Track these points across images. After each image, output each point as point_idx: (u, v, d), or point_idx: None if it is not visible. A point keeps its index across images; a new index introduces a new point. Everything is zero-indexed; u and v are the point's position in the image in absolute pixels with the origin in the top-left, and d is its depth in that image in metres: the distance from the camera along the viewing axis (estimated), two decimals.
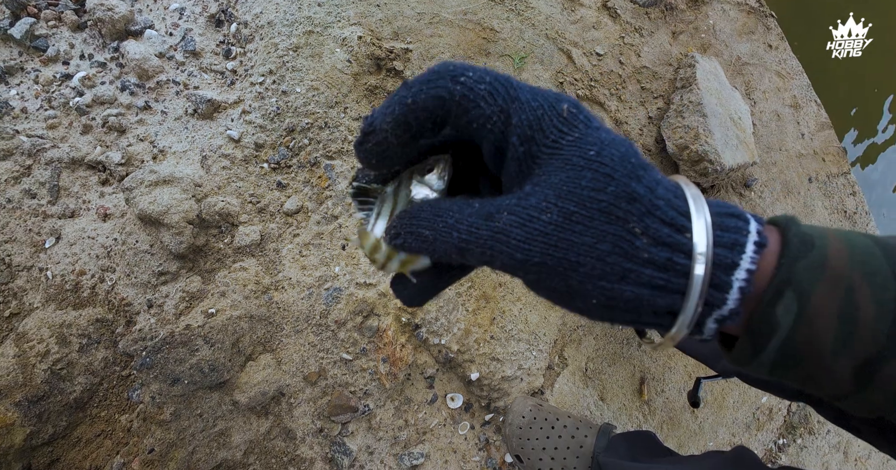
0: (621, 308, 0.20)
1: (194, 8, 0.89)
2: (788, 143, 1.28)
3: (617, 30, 1.17)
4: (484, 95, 0.21)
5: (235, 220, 0.74)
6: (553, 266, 0.19)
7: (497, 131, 0.21)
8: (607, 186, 0.19)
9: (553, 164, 0.20)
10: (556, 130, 0.20)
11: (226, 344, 0.65)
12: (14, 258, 0.66)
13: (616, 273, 0.19)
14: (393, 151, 0.23)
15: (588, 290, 0.20)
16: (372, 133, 0.22)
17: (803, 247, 0.19)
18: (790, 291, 0.19)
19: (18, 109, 0.77)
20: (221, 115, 0.81)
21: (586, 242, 0.19)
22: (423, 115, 0.21)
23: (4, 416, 0.59)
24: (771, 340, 0.20)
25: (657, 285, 0.19)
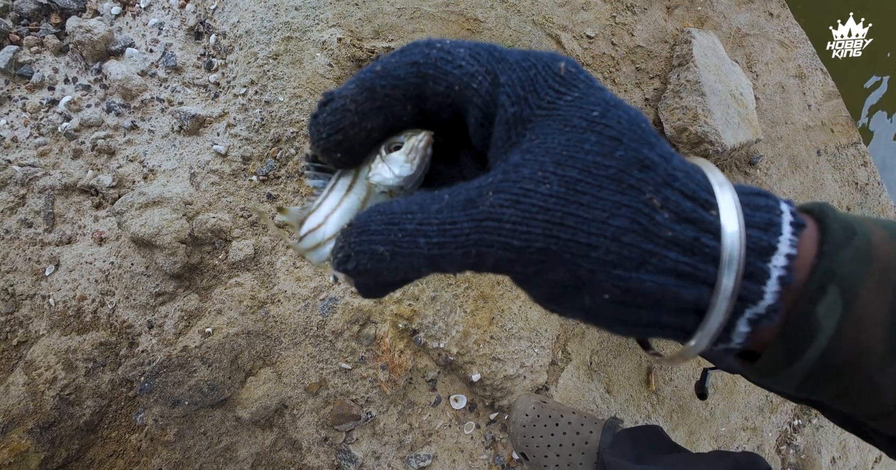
0: (639, 304, 0.15)
1: (172, 22, 0.85)
2: (794, 116, 1.19)
3: (608, 9, 1.09)
4: (464, 56, 0.17)
5: (228, 235, 0.72)
6: (559, 251, 0.15)
7: (483, 92, 0.17)
8: (615, 151, 0.15)
9: (549, 126, 0.16)
10: (552, 91, 0.17)
11: (224, 362, 0.63)
12: (17, 287, 0.66)
13: (634, 257, 0.15)
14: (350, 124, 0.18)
15: (600, 281, 0.15)
16: (330, 101, 0.18)
17: (845, 233, 0.16)
18: (833, 286, 0.15)
19: (9, 139, 0.75)
20: (207, 130, 0.78)
21: (597, 218, 0.15)
22: (392, 81, 0.17)
23: (18, 443, 0.59)
24: (810, 346, 0.15)
25: (683, 272, 0.15)
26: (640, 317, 0.16)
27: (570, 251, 0.15)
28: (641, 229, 0.15)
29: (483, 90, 0.17)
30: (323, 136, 0.19)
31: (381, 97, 0.18)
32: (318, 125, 0.19)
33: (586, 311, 0.17)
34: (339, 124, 0.18)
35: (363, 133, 0.19)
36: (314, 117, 0.19)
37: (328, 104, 0.18)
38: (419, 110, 0.19)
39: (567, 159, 0.15)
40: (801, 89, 1.21)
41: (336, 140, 0.19)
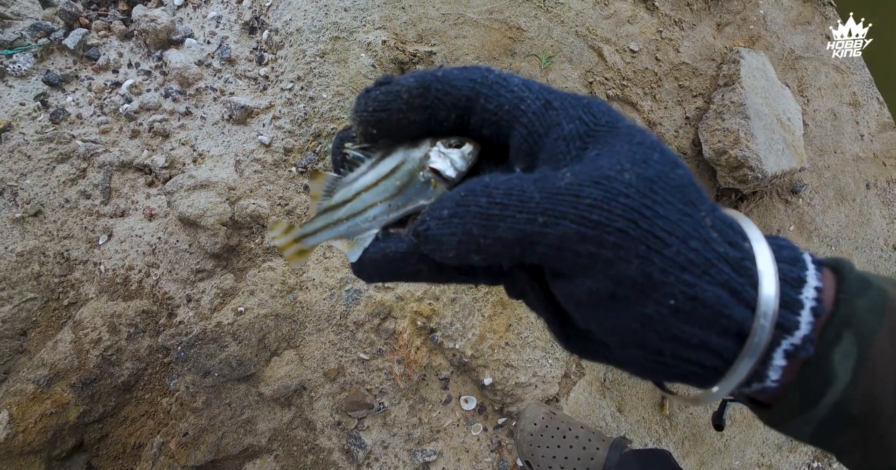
0: (698, 316, 0.16)
1: (230, 16, 0.97)
2: (845, 145, 1.23)
3: (654, 23, 1.16)
4: (517, 84, 0.20)
5: (265, 221, 0.81)
6: (636, 238, 0.16)
7: (531, 114, 0.19)
8: (676, 169, 0.17)
9: (616, 139, 0.18)
10: (607, 116, 0.19)
11: (252, 340, 0.72)
12: (72, 253, 0.77)
13: (699, 263, 0.16)
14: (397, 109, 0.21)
15: (670, 283, 0.16)
16: (387, 83, 0.21)
17: (861, 285, 0.17)
18: (849, 333, 0.16)
19: (74, 115, 0.87)
20: (254, 121, 0.89)
21: (670, 217, 0.16)
22: (447, 88, 0.20)
23: (61, 396, 0.69)
24: (826, 393, 0.17)
25: (734, 289, 0.16)
26: (693, 336, 0.16)
27: (647, 243, 0.16)
28: (701, 239, 0.16)
29: (531, 111, 0.20)
30: (369, 109, 0.21)
31: (433, 98, 0.20)
32: (368, 98, 0.21)
33: (643, 320, 0.16)
34: (388, 105, 0.21)
35: (404, 122, 0.21)
36: (367, 91, 0.21)
37: (384, 85, 0.21)
38: (460, 122, 0.21)
39: (641, 162, 0.17)
40: (854, 118, 1.24)
41: (379, 117, 0.21)
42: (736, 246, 0.17)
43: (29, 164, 0.81)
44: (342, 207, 0.24)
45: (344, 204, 0.24)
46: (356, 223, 0.24)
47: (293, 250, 0.26)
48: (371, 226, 0.24)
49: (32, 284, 0.73)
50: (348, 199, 0.23)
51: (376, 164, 0.23)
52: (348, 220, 0.24)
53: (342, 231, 0.24)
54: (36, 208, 0.78)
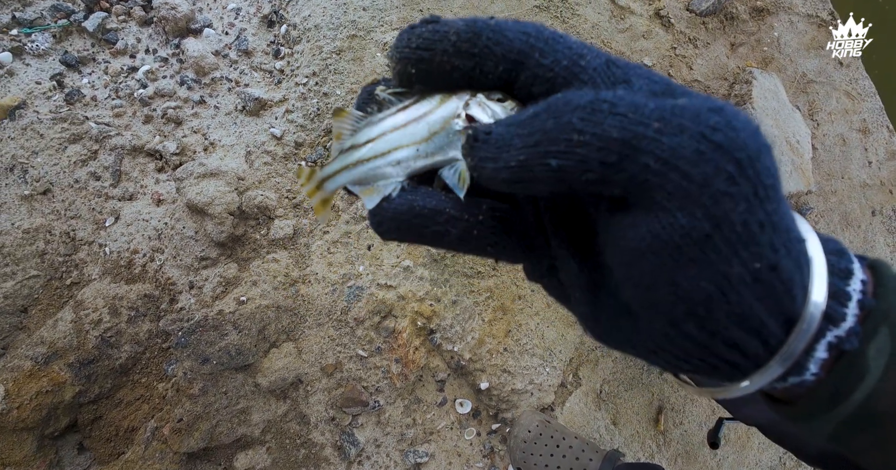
0: (773, 288, 0.15)
1: (249, 8, 1.01)
2: (853, 171, 1.27)
3: (669, 40, 1.20)
4: (576, 42, 0.19)
5: (272, 213, 0.84)
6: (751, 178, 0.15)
7: (592, 69, 0.18)
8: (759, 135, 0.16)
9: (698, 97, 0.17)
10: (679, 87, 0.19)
11: (252, 331, 0.75)
12: (78, 233, 0.80)
13: (785, 230, 0.15)
14: (443, 51, 0.19)
15: (763, 244, 0.15)
16: (434, 22, 0.20)
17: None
18: (885, 327, 0.17)
19: (89, 97, 0.91)
20: (267, 113, 0.92)
21: (773, 172, 0.16)
22: (499, 37, 0.19)
23: (58, 375, 0.71)
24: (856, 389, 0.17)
25: (800, 264, 0.16)
26: (757, 316, 0.16)
27: (758, 189, 0.15)
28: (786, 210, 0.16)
29: (591, 68, 0.18)
30: (412, 45, 0.20)
31: (482, 46, 0.19)
32: (412, 34, 0.20)
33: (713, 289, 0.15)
34: (433, 45, 0.19)
35: (447, 67, 0.20)
36: (412, 27, 0.20)
37: (432, 23, 0.20)
38: (507, 78, 0.20)
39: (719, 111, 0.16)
40: (863, 144, 1.29)
41: (420, 56, 0.20)
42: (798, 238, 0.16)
43: (41, 142, 0.84)
44: (363, 147, 0.22)
45: (366, 143, 0.22)
46: (378, 166, 0.21)
47: (318, 199, 0.25)
48: (394, 172, 0.22)
49: (36, 261, 0.76)
50: (372, 138, 0.21)
51: (407, 107, 0.21)
52: (369, 161, 0.21)
53: (361, 173, 0.22)
54: (45, 187, 0.81)
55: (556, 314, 0.91)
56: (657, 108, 0.15)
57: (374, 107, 0.22)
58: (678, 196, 0.15)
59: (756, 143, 0.15)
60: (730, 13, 1.28)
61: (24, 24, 0.95)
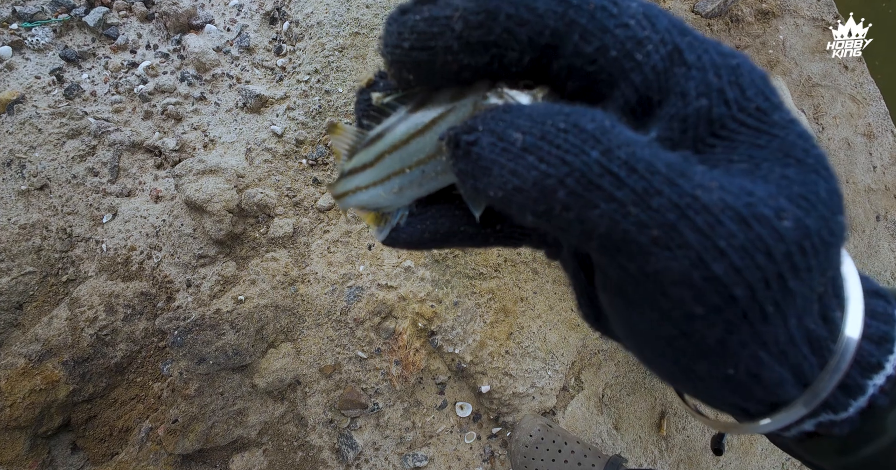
0: (747, 389, 0.15)
1: (251, 5, 1.02)
2: (857, 176, 1.28)
3: None
4: (635, 15, 0.14)
5: (272, 211, 0.84)
6: (743, 305, 0.13)
7: (650, 69, 0.14)
8: (838, 214, 0.14)
9: (763, 148, 0.14)
10: (763, 96, 0.14)
11: (250, 330, 0.75)
12: (75, 229, 0.79)
13: (783, 342, 0.14)
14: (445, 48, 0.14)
15: (741, 356, 0.14)
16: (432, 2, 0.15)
17: None
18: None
19: (88, 92, 0.91)
20: (268, 110, 0.93)
21: (794, 289, 0.14)
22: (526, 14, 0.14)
23: (52, 373, 0.71)
24: (868, 445, 0.17)
25: (800, 371, 0.15)
26: (730, 395, 0.16)
27: (749, 312, 0.13)
28: (800, 316, 0.14)
29: (649, 66, 0.14)
30: (403, 45, 0.15)
31: (500, 31, 0.14)
32: (403, 27, 0.15)
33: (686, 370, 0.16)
34: (431, 41, 0.14)
35: (455, 66, 0.15)
36: (402, 12, 0.15)
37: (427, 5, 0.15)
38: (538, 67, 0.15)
39: (803, 201, 0.13)
40: (867, 149, 1.30)
41: (417, 58, 0.15)
42: (828, 320, 0.15)
43: (39, 137, 0.84)
44: (361, 173, 0.19)
45: (364, 168, 0.18)
46: (376, 194, 0.18)
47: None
48: (399, 200, 0.19)
49: (32, 257, 0.76)
50: (368, 162, 0.18)
51: (411, 114, 0.17)
52: (367, 189, 0.19)
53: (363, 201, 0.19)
54: (42, 182, 0.81)
55: (558, 317, 0.91)
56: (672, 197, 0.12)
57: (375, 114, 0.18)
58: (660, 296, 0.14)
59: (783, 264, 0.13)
60: (735, 15, 1.29)
61: (24, 19, 0.95)
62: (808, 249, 0.13)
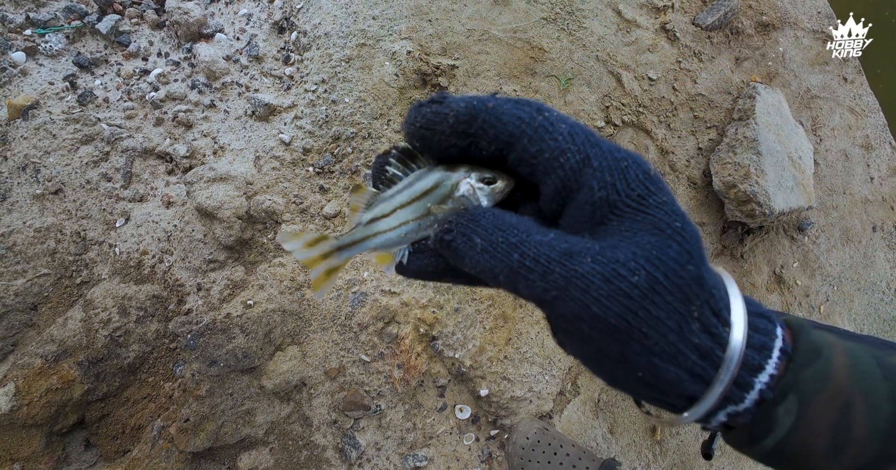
0: (656, 387, 0.22)
1: (261, 14, 1.06)
2: (854, 187, 1.32)
3: (674, 53, 1.26)
4: (563, 132, 0.23)
5: (279, 218, 0.89)
6: (624, 331, 0.21)
7: (568, 169, 0.22)
8: (688, 264, 0.21)
9: (639, 222, 0.22)
10: (643, 186, 0.22)
11: (259, 334, 0.79)
12: (88, 233, 0.84)
13: (670, 352, 0.21)
14: (440, 131, 0.24)
15: (640, 363, 0.21)
16: (440, 103, 0.24)
17: (811, 355, 0.23)
18: (793, 394, 0.22)
19: (101, 99, 0.95)
20: (276, 119, 0.97)
21: (659, 316, 0.21)
22: (494, 122, 0.23)
23: (68, 372, 0.75)
24: (768, 436, 0.22)
25: (695, 372, 0.22)
26: (650, 393, 0.23)
27: (632, 335, 0.21)
28: (680, 332, 0.21)
29: (568, 166, 0.22)
30: (416, 125, 0.24)
31: (477, 128, 0.23)
32: (418, 114, 0.24)
33: (612, 377, 0.23)
34: (434, 126, 0.24)
35: (445, 143, 0.24)
36: (420, 105, 0.24)
37: (436, 104, 0.24)
38: (500, 156, 0.24)
39: (656, 260, 0.21)
40: (865, 160, 1.34)
41: (422, 134, 0.25)
42: (713, 335, 0.22)
43: (53, 142, 0.88)
44: (380, 221, 0.27)
45: (382, 218, 0.27)
46: (389, 238, 0.27)
47: (323, 269, 0.28)
48: (402, 241, 0.27)
49: (47, 260, 0.80)
50: (386, 214, 0.27)
51: (412, 185, 0.26)
52: (384, 233, 0.27)
53: (377, 244, 0.27)
54: (57, 186, 0.85)
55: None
56: (562, 275, 0.22)
57: (387, 181, 0.27)
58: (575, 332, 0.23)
59: (641, 302, 0.21)
60: (735, 28, 1.33)
61: (37, 25, 1.00)
62: (659, 290, 0.21)
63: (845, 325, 1.24)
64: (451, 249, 0.24)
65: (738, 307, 0.23)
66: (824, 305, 1.22)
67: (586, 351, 0.23)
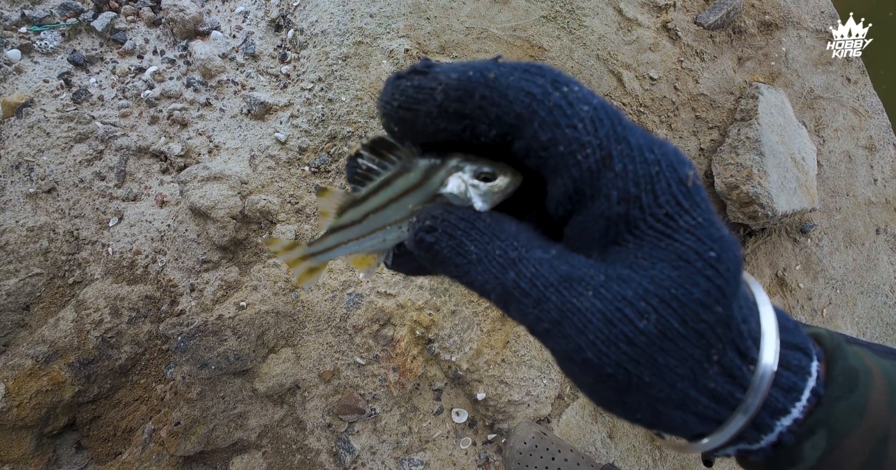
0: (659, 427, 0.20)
1: (257, 12, 1.06)
2: (858, 189, 1.31)
3: (675, 53, 1.25)
4: (584, 118, 0.17)
5: (274, 218, 0.88)
6: (622, 380, 0.18)
7: (585, 169, 0.17)
8: (715, 306, 0.18)
9: (662, 249, 0.18)
10: (674, 202, 0.18)
11: (251, 336, 0.79)
12: (81, 232, 0.83)
13: (677, 400, 0.18)
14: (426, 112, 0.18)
15: (641, 407, 0.19)
16: (424, 74, 0.18)
17: (847, 386, 0.20)
18: (823, 430, 0.19)
19: (96, 97, 0.95)
20: (272, 117, 0.97)
21: (668, 364, 0.18)
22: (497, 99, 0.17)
23: (58, 374, 0.75)
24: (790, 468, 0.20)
25: (706, 416, 0.19)
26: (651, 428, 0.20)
27: (632, 384, 0.18)
28: (693, 378, 0.18)
29: (585, 166, 0.17)
30: (393, 103, 0.19)
31: (474, 107, 0.18)
32: (396, 89, 0.19)
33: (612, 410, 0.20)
34: (416, 105, 0.18)
35: (432, 127, 0.19)
36: (398, 77, 0.19)
37: (419, 76, 0.18)
38: (502, 142, 0.19)
39: (673, 301, 0.17)
40: (868, 162, 1.33)
41: (402, 116, 0.19)
42: (733, 377, 0.19)
43: (47, 140, 0.88)
44: (351, 227, 0.23)
45: (353, 225, 0.23)
46: (366, 243, 0.24)
47: (302, 269, 0.27)
48: (383, 246, 0.24)
49: (40, 259, 0.80)
50: (356, 220, 0.23)
51: (390, 182, 0.21)
52: (358, 240, 0.24)
53: (353, 249, 0.24)
54: (50, 185, 0.85)
55: None
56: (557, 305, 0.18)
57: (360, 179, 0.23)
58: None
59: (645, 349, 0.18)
60: (738, 27, 1.33)
61: (33, 22, 0.99)
62: (672, 337, 0.17)
63: (848, 328, 1.23)
64: (433, 253, 0.20)
65: (771, 342, 0.19)
66: (827, 308, 1.21)
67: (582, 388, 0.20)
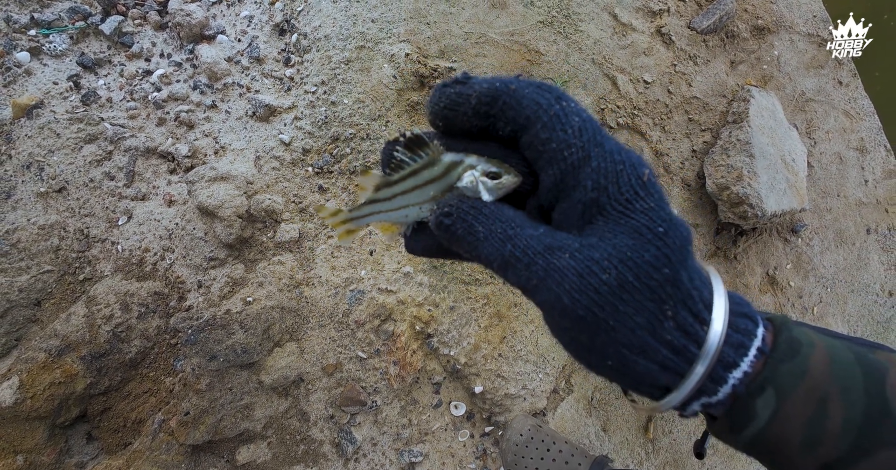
0: (628, 375, 0.24)
1: (262, 16, 1.09)
2: (848, 190, 1.35)
3: (669, 57, 1.29)
4: (574, 126, 0.24)
5: (279, 217, 0.92)
6: (591, 322, 0.23)
7: (569, 164, 0.24)
8: (663, 268, 0.23)
9: (622, 225, 0.24)
10: (633, 191, 0.24)
11: (258, 330, 0.82)
12: (91, 230, 0.87)
13: (638, 345, 0.23)
14: (462, 113, 0.26)
15: (609, 352, 0.23)
16: (464, 84, 0.26)
17: (790, 352, 0.24)
18: (771, 388, 0.24)
19: (104, 98, 0.98)
20: (276, 119, 1.00)
21: (627, 312, 0.23)
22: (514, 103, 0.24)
23: (70, 367, 0.78)
24: (748, 427, 0.24)
25: (666, 365, 0.23)
26: (625, 381, 0.25)
27: (599, 326, 0.23)
28: (650, 329, 0.23)
29: (570, 162, 0.24)
30: (440, 105, 0.26)
31: (497, 110, 0.25)
32: (442, 94, 0.26)
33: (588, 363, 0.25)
34: (457, 107, 0.26)
35: (466, 123, 0.26)
36: (444, 85, 0.26)
37: (460, 85, 0.26)
38: (514, 137, 0.26)
39: (629, 261, 0.23)
40: (860, 163, 1.37)
41: (445, 114, 0.26)
42: (688, 333, 0.23)
43: (57, 141, 0.91)
44: (384, 202, 0.30)
45: (385, 200, 0.30)
46: (394, 216, 0.31)
47: (343, 229, 0.33)
48: (407, 220, 0.31)
49: (51, 256, 0.83)
50: (389, 197, 0.30)
51: (417, 172, 0.28)
52: (388, 212, 0.30)
53: (383, 218, 0.31)
54: (60, 185, 0.88)
55: None
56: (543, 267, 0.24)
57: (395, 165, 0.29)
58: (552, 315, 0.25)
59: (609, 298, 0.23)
60: (731, 31, 1.36)
61: (42, 25, 1.03)
62: (628, 289, 0.23)
63: (838, 326, 1.26)
64: (450, 233, 0.26)
65: (720, 307, 0.24)
66: (817, 307, 1.25)
67: (563, 338, 0.25)
